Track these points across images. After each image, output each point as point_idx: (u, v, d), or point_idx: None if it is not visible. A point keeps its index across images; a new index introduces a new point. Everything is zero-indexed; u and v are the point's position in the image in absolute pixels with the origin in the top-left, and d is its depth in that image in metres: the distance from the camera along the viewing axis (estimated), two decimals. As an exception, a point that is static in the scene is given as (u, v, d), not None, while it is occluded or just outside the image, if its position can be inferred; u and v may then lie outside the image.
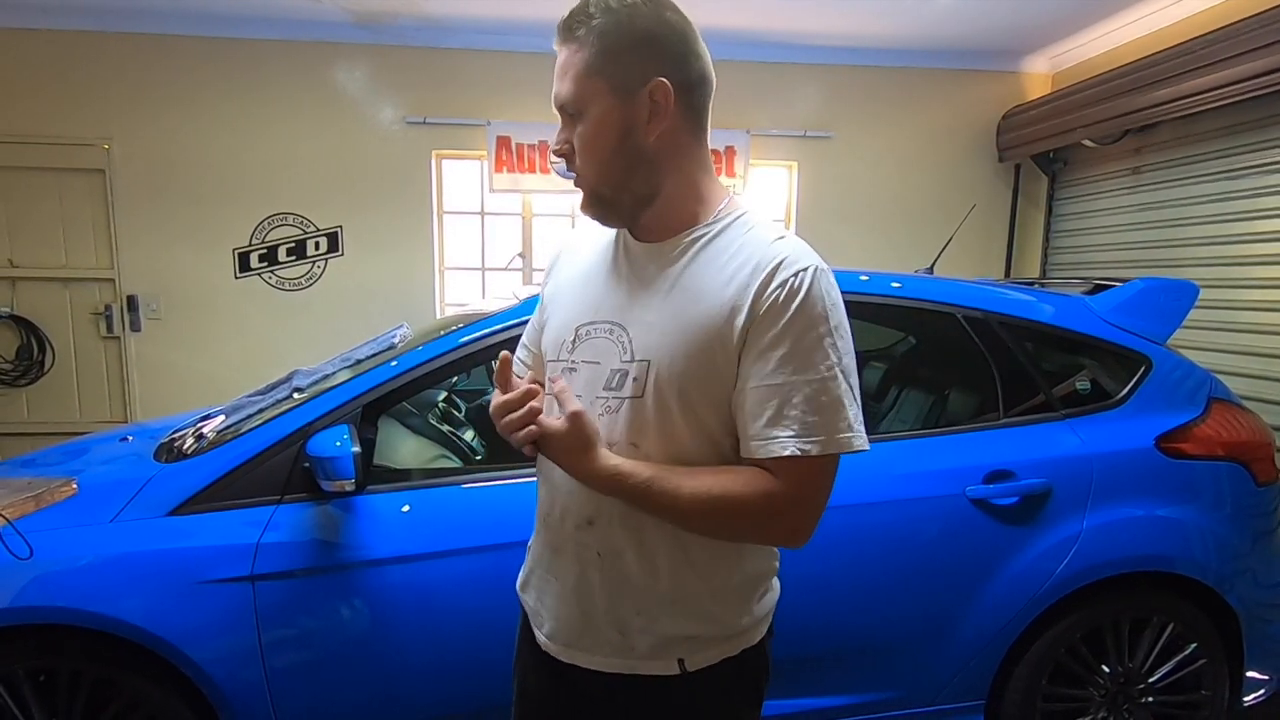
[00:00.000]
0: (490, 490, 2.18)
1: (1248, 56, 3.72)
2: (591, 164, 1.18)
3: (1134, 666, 2.41)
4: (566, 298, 1.31)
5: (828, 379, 1.10)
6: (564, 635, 1.27)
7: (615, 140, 1.16)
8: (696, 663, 1.22)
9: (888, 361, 2.92)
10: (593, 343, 1.22)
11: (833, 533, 2.16)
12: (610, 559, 1.21)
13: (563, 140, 1.21)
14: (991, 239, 5.98)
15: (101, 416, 5.42)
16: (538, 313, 1.42)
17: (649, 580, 1.20)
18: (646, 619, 1.21)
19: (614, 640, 1.23)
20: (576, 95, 1.16)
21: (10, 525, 1.88)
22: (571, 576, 1.25)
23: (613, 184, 1.19)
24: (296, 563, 2.01)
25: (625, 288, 1.23)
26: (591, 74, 1.14)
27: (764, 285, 1.11)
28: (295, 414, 2.16)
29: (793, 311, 1.10)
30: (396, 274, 5.59)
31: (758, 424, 1.11)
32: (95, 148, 5.19)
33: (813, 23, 5.13)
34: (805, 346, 1.10)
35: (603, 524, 1.20)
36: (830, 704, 2.29)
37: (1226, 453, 2.41)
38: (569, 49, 1.16)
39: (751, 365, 1.11)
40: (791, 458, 1.09)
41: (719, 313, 1.13)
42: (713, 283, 1.15)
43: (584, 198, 1.23)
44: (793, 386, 1.09)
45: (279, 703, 2.03)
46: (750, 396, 1.12)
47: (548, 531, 1.29)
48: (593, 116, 1.16)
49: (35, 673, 2.00)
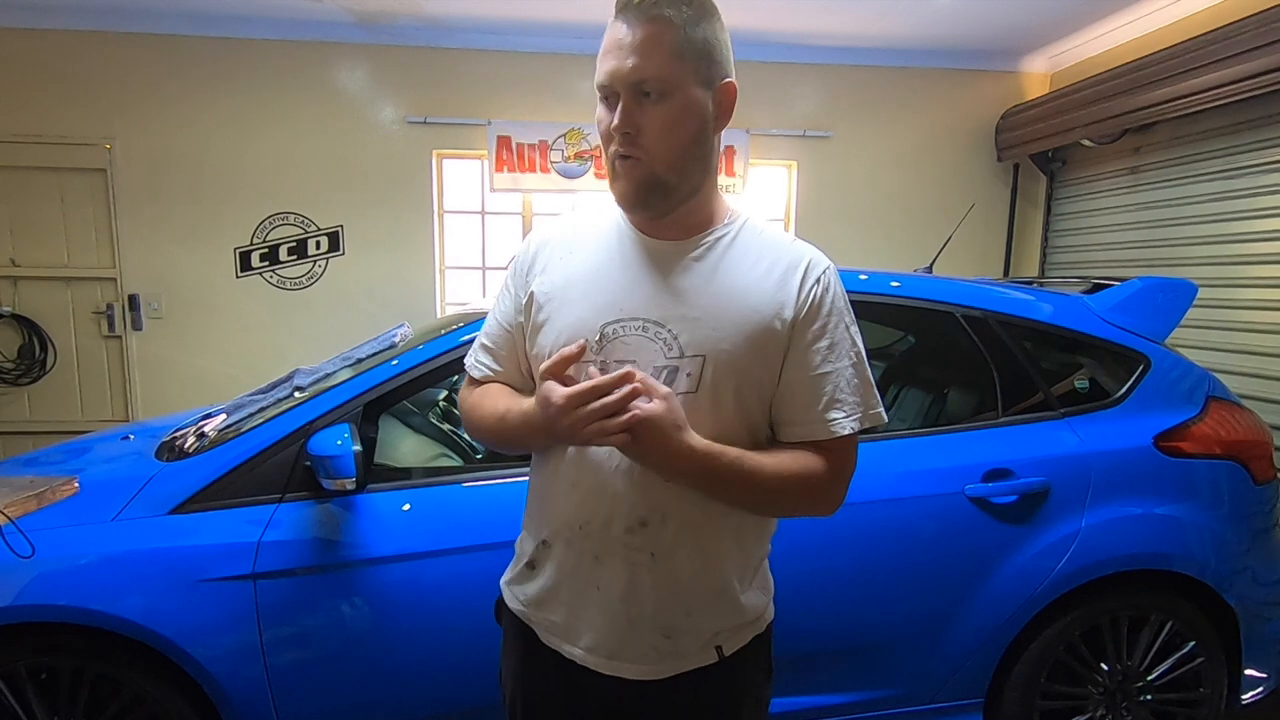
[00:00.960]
0: (491, 489, 2.18)
1: (1245, 56, 3.72)
2: (666, 147, 1.17)
3: (1132, 664, 2.41)
4: (575, 295, 1.26)
5: (857, 363, 1.24)
6: (607, 647, 1.25)
7: (695, 128, 1.19)
8: (731, 647, 1.28)
9: (887, 360, 2.92)
10: (624, 341, 1.21)
11: (832, 531, 2.20)
12: (663, 559, 1.22)
13: (629, 120, 1.17)
14: (990, 238, 5.98)
15: (103, 415, 5.42)
16: (508, 313, 1.36)
17: (700, 577, 1.24)
18: (695, 618, 1.24)
19: (659, 646, 1.24)
20: (666, 74, 1.14)
21: (12, 524, 1.89)
22: (620, 583, 1.23)
23: (679, 171, 1.20)
24: (297, 561, 2.01)
25: (652, 285, 1.23)
26: (684, 57, 1.15)
27: (801, 283, 1.22)
28: (296, 413, 2.17)
29: (829, 306, 1.23)
30: (397, 273, 5.60)
31: (815, 409, 1.21)
32: (97, 147, 5.19)
33: (812, 22, 5.14)
34: (839, 337, 1.23)
35: (656, 524, 1.21)
36: (830, 702, 2.29)
37: (1225, 451, 2.42)
38: (653, 26, 1.14)
39: (802, 357, 1.22)
40: (845, 436, 1.21)
41: (766, 309, 1.20)
42: (749, 280, 1.22)
43: (635, 180, 1.20)
44: (838, 373, 1.22)
45: (280, 700, 2.04)
46: (806, 386, 1.22)
47: (585, 540, 1.25)
48: (679, 100, 1.16)
49: (37, 670, 2.01)
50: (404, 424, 2.57)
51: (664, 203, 1.22)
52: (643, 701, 1.27)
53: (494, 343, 1.38)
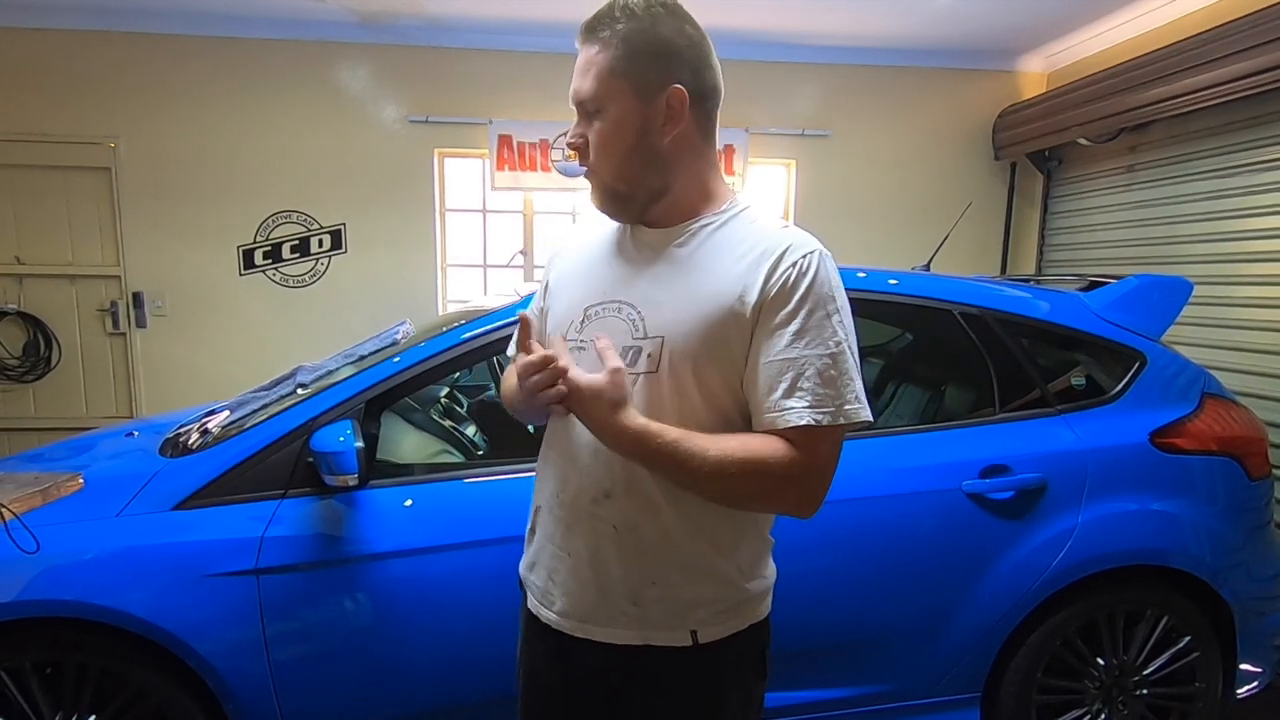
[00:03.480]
0: (492, 485, 2.19)
1: (1240, 56, 3.72)
2: (607, 160, 1.25)
3: (1128, 659, 2.43)
4: (571, 282, 1.36)
5: (836, 354, 1.18)
6: (577, 611, 1.30)
7: (632, 139, 1.23)
8: (708, 635, 1.27)
9: (885, 358, 2.93)
10: (601, 321, 1.27)
11: (831, 527, 2.20)
12: (626, 531, 1.24)
13: (578, 135, 1.27)
14: (988, 236, 5.98)
15: (107, 412, 5.44)
16: (535, 308, 1.46)
17: (664, 550, 1.24)
18: (661, 588, 1.25)
19: (628, 612, 1.26)
20: (597, 93, 1.22)
21: (18, 519, 1.91)
22: (586, 551, 1.27)
23: (627, 180, 1.25)
24: (300, 557, 2.03)
25: (632, 268, 1.29)
26: (615, 75, 1.20)
27: (773, 267, 1.19)
28: (299, 409, 2.18)
29: (802, 291, 1.18)
30: (399, 271, 5.61)
31: (773, 396, 1.17)
32: (101, 146, 5.21)
33: (811, 22, 5.14)
34: (814, 324, 1.18)
35: (619, 496, 1.24)
36: (828, 696, 2.30)
37: (1220, 448, 2.43)
38: (592, 48, 1.22)
39: (764, 341, 1.18)
40: (805, 427, 1.15)
41: (729, 291, 1.19)
42: (721, 264, 1.23)
43: (597, 192, 1.29)
44: (805, 361, 1.16)
45: (283, 695, 2.05)
46: (765, 371, 1.18)
47: (560, 509, 1.31)
48: (612, 115, 1.22)
49: (42, 665, 2.02)
50: (406, 420, 2.58)
51: (628, 209, 1.29)
52: (620, 671, 1.29)
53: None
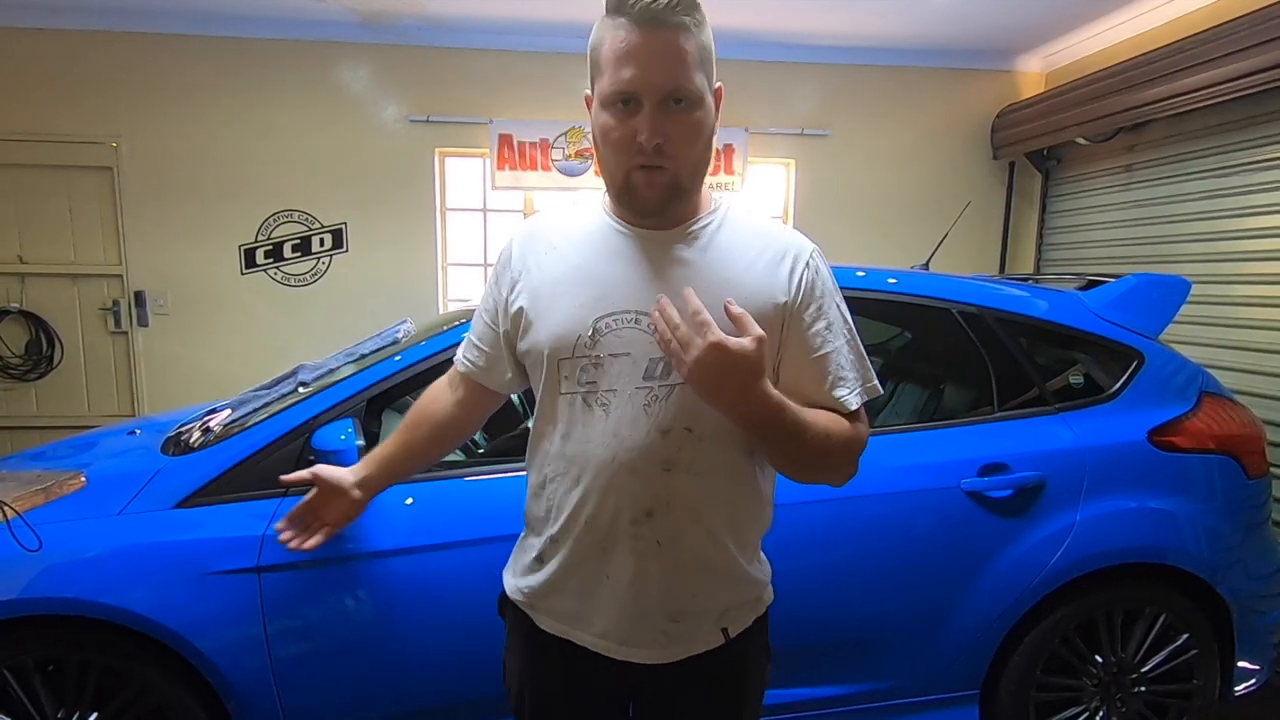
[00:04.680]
0: (493, 483, 2.19)
1: (1238, 56, 3.73)
2: (692, 154, 1.20)
3: (1126, 657, 2.43)
4: (563, 292, 1.26)
5: (850, 339, 1.29)
6: (619, 633, 1.28)
7: (710, 135, 1.23)
8: (736, 628, 1.32)
9: (884, 356, 2.93)
10: (618, 334, 1.22)
11: (829, 525, 2.22)
12: (669, 545, 1.24)
13: (659, 130, 1.14)
14: (986, 235, 6.00)
15: (109, 410, 5.45)
16: (493, 312, 1.38)
17: (705, 559, 1.26)
18: (701, 599, 1.27)
19: (668, 630, 1.26)
20: (696, 84, 1.16)
21: (20, 517, 1.92)
22: (628, 572, 1.25)
23: (695, 176, 1.23)
24: (301, 554, 2.00)
25: (642, 276, 1.24)
26: (704, 64, 1.18)
27: (792, 269, 1.25)
28: (300, 408, 2.18)
29: (820, 290, 1.27)
30: (400, 270, 5.62)
31: (825, 388, 1.25)
32: (103, 145, 5.22)
33: (810, 22, 5.15)
34: (833, 317, 1.28)
35: (661, 513, 1.22)
36: (827, 693, 2.31)
37: (1218, 446, 2.43)
38: (672, 35, 1.12)
39: (802, 341, 1.25)
40: (854, 410, 1.26)
41: (757, 294, 1.22)
42: (738, 267, 1.25)
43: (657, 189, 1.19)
44: (838, 351, 1.27)
45: (284, 692, 2.05)
46: (812, 367, 1.26)
47: (591, 533, 1.26)
48: (707, 107, 1.19)
49: (44, 663, 2.01)
50: (406, 419, 2.59)
51: (683, 207, 1.25)
52: (652, 684, 1.30)
53: (482, 341, 1.42)
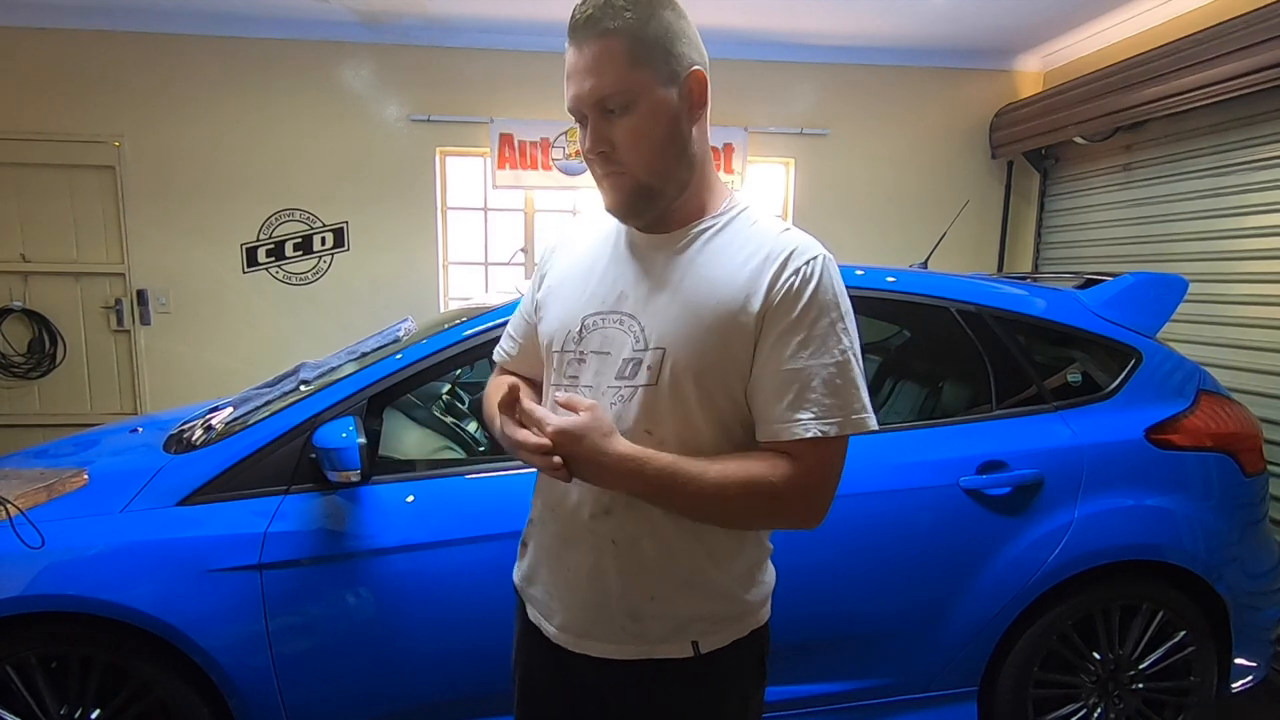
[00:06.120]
0: (493, 480, 2.20)
1: (1235, 55, 3.73)
2: (642, 156, 1.17)
3: (1124, 654, 2.44)
4: (567, 289, 1.31)
5: (842, 363, 1.14)
6: (577, 625, 1.27)
7: (666, 130, 1.16)
8: (710, 645, 1.24)
9: (883, 354, 2.94)
10: (601, 333, 1.23)
11: (829, 522, 2.20)
12: (626, 547, 1.21)
13: (601, 139, 1.17)
14: (985, 234, 6.00)
15: (112, 409, 5.46)
16: (527, 304, 1.43)
17: (664, 565, 1.21)
18: (660, 603, 1.22)
19: (627, 627, 1.23)
20: (624, 87, 1.13)
21: (23, 515, 1.93)
22: (586, 566, 1.24)
23: (662, 175, 1.19)
24: (303, 552, 2.04)
25: (631, 278, 1.24)
26: (637, 65, 1.13)
27: (777, 274, 1.15)
28: (302, 406, 2.19)
29: (806, 299, 1.14)
30: (401, 269, 5.63)
31: (779, 408, 1.13)
32: (106, 145, 5.23)
33: (809, 22, 5.15)
34: (820, 332, 1.14)
35: (619, 511, 1.21)
36: (825, 690, 2.32)
37: (1215, 444, 2.44)
38: (601, 42, 1.13)
39: (770, 351, 1.14)
40: (812, 439, 1.12)
41: (733, 300, 1.15)
42: (724, 271, 1.18)
43: (623, 191, 1.20)
44: (811, 371, 1.13)
45: (286, 688, 2.06)
46: (770, 381, 1.14)
47: (558, 523, 1.28)
48: (643, 108, 1.14)
49: (47, 660, 2.03)
50: (408, 417, 2.60)
51: (655, 207, 1.21)
52: (620, 685, 1.26)
53: (515, 332, 1.46)
